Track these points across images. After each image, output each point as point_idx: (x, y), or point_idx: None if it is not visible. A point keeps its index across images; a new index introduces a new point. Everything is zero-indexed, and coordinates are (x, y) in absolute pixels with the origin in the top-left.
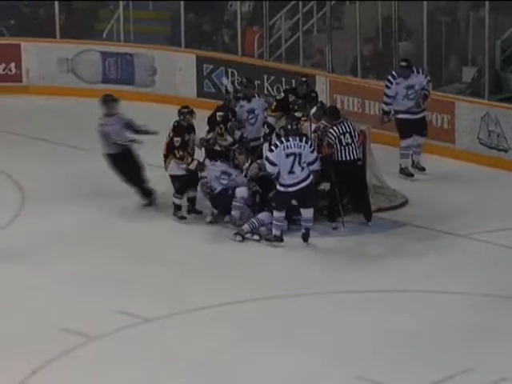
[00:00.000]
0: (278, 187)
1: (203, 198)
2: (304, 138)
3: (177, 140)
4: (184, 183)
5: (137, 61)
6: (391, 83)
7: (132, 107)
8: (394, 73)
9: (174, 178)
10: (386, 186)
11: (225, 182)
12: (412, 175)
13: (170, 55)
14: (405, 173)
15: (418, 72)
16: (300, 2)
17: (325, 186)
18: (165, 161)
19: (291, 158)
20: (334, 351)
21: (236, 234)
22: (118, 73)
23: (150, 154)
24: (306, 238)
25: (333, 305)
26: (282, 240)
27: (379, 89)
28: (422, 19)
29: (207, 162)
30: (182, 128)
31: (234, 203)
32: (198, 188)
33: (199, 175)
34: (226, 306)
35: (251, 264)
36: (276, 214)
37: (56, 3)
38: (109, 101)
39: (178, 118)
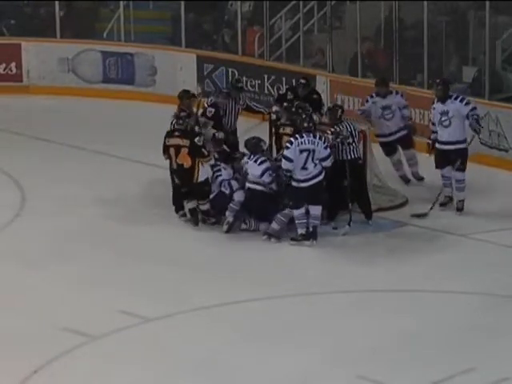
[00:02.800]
0: (293, 183)
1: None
2: (318, 135)
3: (199, 140)
4: (210, 185)
5: (137, 60)
6: (367, 101)
7: (132, 107)
8: (372, 93)
9: (205, 182)
10: (386, 185)
11: (230, 186)
12: (408, 180)
13: (171, 55)
14: (403, 179)
15: (396, 93)
16: (300, 2)
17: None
18: (192, 172)
19: (305, 153)
20: (334, 351)
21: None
22: (119, 72)
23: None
24: (315, 235)
25: (333, 304)
26: (308, 238)
27: None
28: (422, 19)
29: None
30: (191, 130)
31: (230, 205)
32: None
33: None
34: (226, 305)
35: (251, 264)
36: (296, 212)
37: (56, 3)
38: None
39: (178, 123)
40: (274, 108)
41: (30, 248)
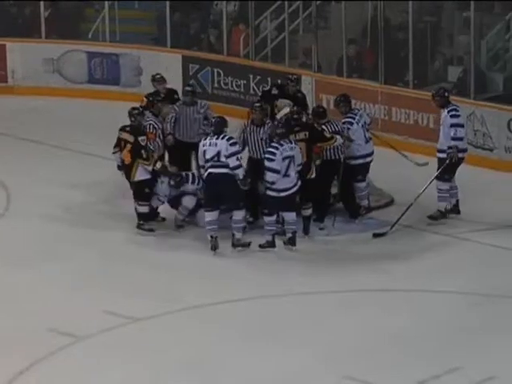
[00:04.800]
0: (269, 192)
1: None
2: (293, 140)
3: (142, 139)
4: (151, 188)
5: (122, 61)
6: (352, 124)
7: (118, 108)
8: (351, 114)
9: (142, 183)
10: (371, 185)
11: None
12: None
13: (156, 55)
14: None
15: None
16: (286, 2)
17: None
18: (130, 170)
19: (287, 161)
20: (324, 351)
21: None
22: (104, 73)
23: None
24: (293, 241)
25: (323, 305)
26: (274, 246)
27: (365, 88)
28: (407, 19)
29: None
30: (139, 128)
31: (179, 209)
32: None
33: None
34: (218, 305)
35: (243, 265)
36: (267, 219)
37: (41, 3)
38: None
39: (131, 120)
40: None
41: (15, 248)
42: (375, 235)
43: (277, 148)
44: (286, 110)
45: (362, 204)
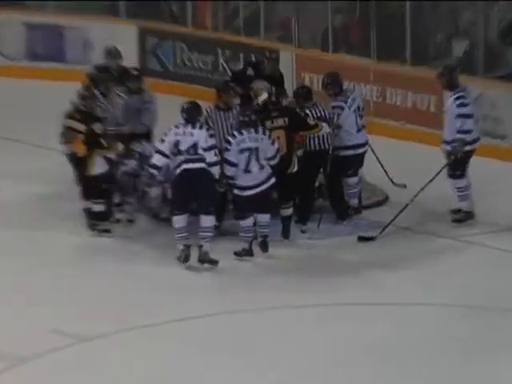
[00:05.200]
0: (234, 191)
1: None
2: (261, 129)
3: (98, 127)
4: (110, 182)
5: (68, 34)
6: (342, 109)
7: (64, 88)
8: (341, 97)
9: (100, 177)
10: (363, 180)
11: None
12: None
13: (108, 27)
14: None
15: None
16: None
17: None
18: (84, 163)
19: (246, 153)
20: (297, 367)
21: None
22: (46, 48)
23: None
24: (265, 246)
25: (293, 319)
26: (251, 254)
27: (354, 66)
28: None
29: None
30: (91, 114)
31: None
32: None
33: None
34: (182, 321)
35: (211, 276)
36: (241, 223)
37: None
38: None
39: (81, 105)
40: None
41: None
42: (361, 239)
43: (234, 137)
44: (265, 95)
45: (351, 203)
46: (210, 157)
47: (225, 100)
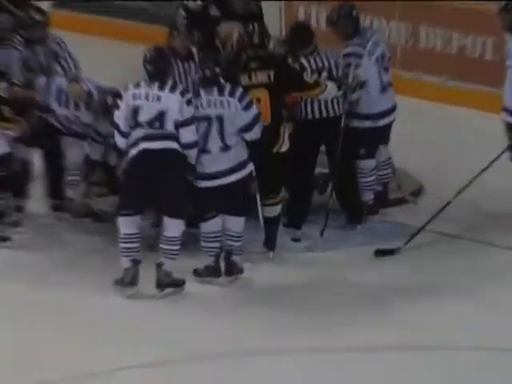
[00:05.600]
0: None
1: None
2: (229, 88)
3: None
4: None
5: None
6: (360, 57)
7: None
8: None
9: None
10: (391, 165)
11: None
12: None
13: None
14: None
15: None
16: None
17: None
18: None
19: (204, 125)
20: None
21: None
22: None
23: None
24: (230, 267)
25: (287, 369)
26: (219, 274)
27: None
28: None
29: None
30: None
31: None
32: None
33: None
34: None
35: (159, 308)
36: (202, 227)
37: None
38: None
39: None
40: None
41: None
42: (379, 253)
43: (183, 94)
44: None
45: (363, 198)
46: (187, 135)
47: (175, 44)
